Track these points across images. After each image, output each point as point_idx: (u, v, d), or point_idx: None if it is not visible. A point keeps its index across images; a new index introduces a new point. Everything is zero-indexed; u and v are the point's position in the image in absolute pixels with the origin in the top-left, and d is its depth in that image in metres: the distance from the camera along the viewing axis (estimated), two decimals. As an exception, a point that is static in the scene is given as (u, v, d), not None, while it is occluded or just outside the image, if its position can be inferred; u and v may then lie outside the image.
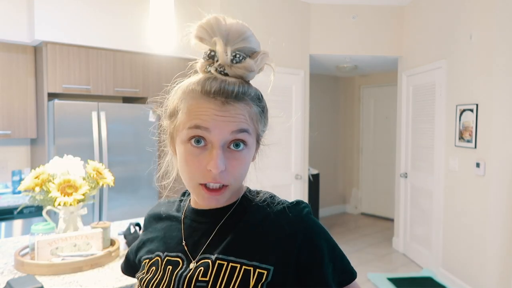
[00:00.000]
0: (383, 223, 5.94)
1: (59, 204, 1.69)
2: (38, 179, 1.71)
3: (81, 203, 1.76)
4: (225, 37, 0.68)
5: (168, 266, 0.73)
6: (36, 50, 3.34)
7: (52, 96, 3.34)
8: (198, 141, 0.66)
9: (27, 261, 1.55)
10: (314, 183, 4.68)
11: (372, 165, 6.38)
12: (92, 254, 1.62)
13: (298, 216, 0.71)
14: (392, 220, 5.77)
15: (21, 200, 3.07)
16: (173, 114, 0.71)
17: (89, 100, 3.59)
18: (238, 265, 0.67)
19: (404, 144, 4.53)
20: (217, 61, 0.68)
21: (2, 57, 3.21)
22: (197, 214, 0.76)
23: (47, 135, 3.21)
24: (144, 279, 0.74)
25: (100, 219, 3.29)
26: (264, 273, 0.66)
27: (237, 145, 0.66)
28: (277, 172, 4.19)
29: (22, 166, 3.56)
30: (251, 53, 0.70)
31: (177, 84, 0.72)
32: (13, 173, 3.28)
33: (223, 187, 0.67)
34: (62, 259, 1.57)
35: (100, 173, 1.83)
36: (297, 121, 4.31)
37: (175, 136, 0.71)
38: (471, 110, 3.28)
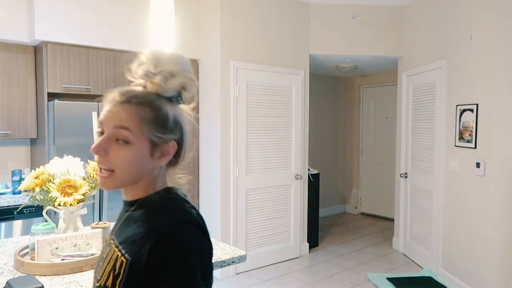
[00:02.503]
0: (383, 223, 5.94)
1: (59, 204, 1.69)
2: (38, 179, 1.71)
3: (81, 203, 1.76)
4: (149, 62, 0.84)
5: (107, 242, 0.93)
6: (36, 50, 3.34)
7: (52, 96, 3.34)
8: (101, 133, 0.83)
9: (27, 261, 1.54)
10: (314, 183, 4.68)
11: (372, 165, 6.38)
12: (92, 254, 1.62)
13: (162, 227, 0.78)
14: (392, 220, 5.77)
15: (21, 200, 3.07)
16: None
17: (89, 100, 3.59)
18: (116, 249, 0.83)
19: (404, 144, 4.53)
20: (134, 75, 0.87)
21: (2, 57, 3.21)
22: (123, 204, 0.92)
23: (47, 135, 3.21)
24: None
25: (100, 219, 3.29)
26: (124, 261, 0.79)
27: (119, 139, 0.81)
28: (277, 172, 4.19)
29: (22, 166, 3.57)
30: (168, 75, 0.85)
31: None
32: (13, 173, 3.28)
33: (110, 172, 0.81)
34: (62, 259, 1.57)
35: (100, 173, 1.83)
36: (297, 121, 4.31)
37: None
38: (471, 110, 3.28)
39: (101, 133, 0.82)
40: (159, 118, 0.83)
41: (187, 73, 0.85)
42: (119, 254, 0.80)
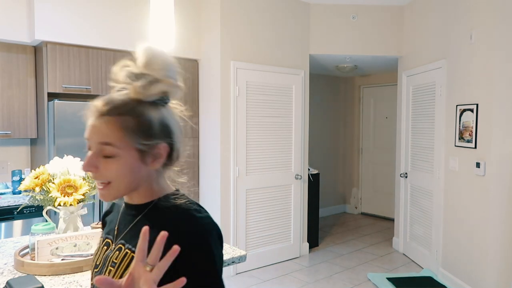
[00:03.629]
0: (383, 223, 5.94)
1: (59, 204, 1.69)
2: (38, 179, 1.71)
3: (81, 203, 1.76)
4: (141, 63, 0.83)
5: (104, 246, 0.93)
6: (36, 50, 3.34)
7: (52, 96, 3.34)
8: (89, 148, 0.83)
9: (27, 261, 1.54)
10: (314, 183, 4.68)
11: (372, 165, 6.38)
12: (92, 254, 1.62)
13: (194, 230, 0.80)
14: (392, 220, 5.77)
15: (21, 200, 3.07)
16: None
17: (89, 100, 3.58)
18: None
19: (404, 144, 4.53)
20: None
21: (2, 57, 3.21)
22: (127, 207, 0.91)
23: (47, 135, 3.21)
24: (94, 254, 0.97)
25: (100, 219, 3.28)
26: None
27: (105, 155, 0.81)
28: (277, 172, 4.19)
29: (22, 166, 3.56)
30: (150, 81, 0.83)
31: None
32: (13, 173, 3.28)
33: (107, 184, 0.82)
34: (62, 259, 1.57)
35: (100, 173, 1.83)
36: (297, 121, 4.31)
37: None
38: (471, 110, 3.28)
39: (89, 148, 0.82)
40: (142, 126, 0.81)
41: (172, 79, 0.83)
42: None
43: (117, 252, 0.86)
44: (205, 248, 0.79)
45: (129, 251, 0.84)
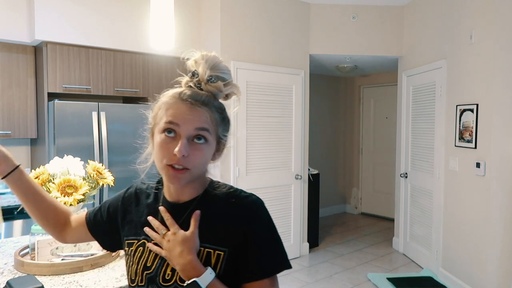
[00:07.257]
0: (383, 223, 5.94)
1: (59, 204, 1.68)
2: (38, 179, 1.71)
3: (81, 203, 1.76)
4: (209, 65, 0.91)
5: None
6: (36, 50, 3.34)
7: (52, 96, 3.34)
8: (170, 132, 0.87)
9: (27, 261, 1.54)
10: (314, 183, 4.68)
11: (372, 165, 6.38)
12: (92, 254, 1.62)
13: (248, 208, 0.92)
14: (392, 220, 5.77)
15: (21, 200, 3.07)
16: (156, 113, 0.93)
17: (89, 100, 3.59)
18: (202, 248, 0.89)
19: (404, 144, 4.53)
20: (197, 77, 0.91)
21: (2, 57, 3.21)
22: (169, 205, 0.95)
23: (47, 135, 3.21)
24: (135, 256, 0.96)
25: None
26: (221, 254, 0.88)
27: (199, 139, 0.87)
28: (277, 172, 4.19)
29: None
30: (224, 82, 0.93)
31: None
32: (13, 173, 3.27)
33: (185, 170, 0.86)
34: (62, 259, 1.57)
35: (100, 173, 1.83)
36: (297, 121, 4.31)
37: (155, 129, 0.92)
38: (471, 110, 3.28)
39: (171, 130, 0.86)
40: (226, 119, 0.96)
41: (236, 83, 0.97)
42: (211, 251, 0.89)
43: None
44: (264, 219, 0.94)
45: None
